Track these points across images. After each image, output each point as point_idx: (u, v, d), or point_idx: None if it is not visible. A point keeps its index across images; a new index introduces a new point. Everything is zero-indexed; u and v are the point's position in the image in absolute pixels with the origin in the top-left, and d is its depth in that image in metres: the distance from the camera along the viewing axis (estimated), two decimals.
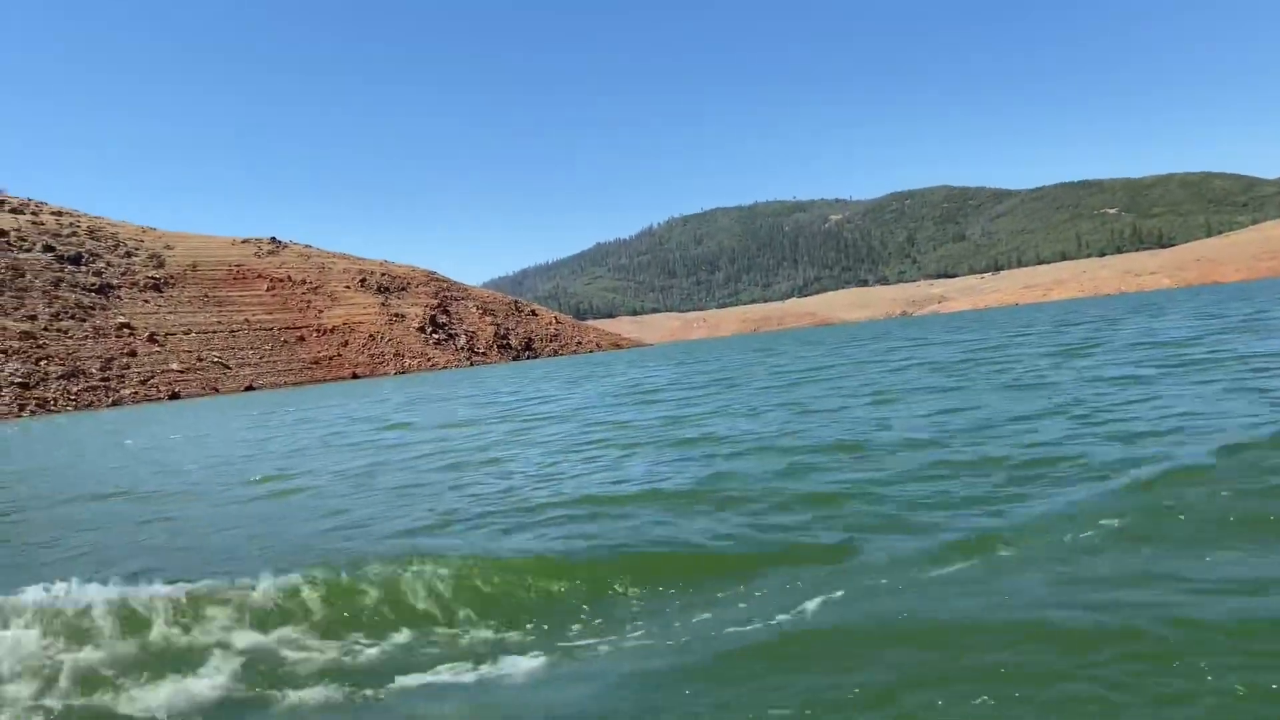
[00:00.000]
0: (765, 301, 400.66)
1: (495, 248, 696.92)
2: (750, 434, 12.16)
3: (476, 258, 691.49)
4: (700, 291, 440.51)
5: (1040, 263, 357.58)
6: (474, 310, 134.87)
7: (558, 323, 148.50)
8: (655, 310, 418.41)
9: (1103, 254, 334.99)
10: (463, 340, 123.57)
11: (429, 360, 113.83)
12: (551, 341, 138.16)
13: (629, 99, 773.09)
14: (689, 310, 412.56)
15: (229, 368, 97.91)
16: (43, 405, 78.69)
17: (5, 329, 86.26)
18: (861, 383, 19.27)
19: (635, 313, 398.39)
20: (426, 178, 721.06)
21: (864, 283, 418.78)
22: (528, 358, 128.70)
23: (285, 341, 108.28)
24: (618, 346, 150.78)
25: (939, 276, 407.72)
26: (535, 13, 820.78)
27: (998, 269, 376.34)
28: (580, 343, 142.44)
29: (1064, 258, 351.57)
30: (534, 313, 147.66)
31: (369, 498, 10.09)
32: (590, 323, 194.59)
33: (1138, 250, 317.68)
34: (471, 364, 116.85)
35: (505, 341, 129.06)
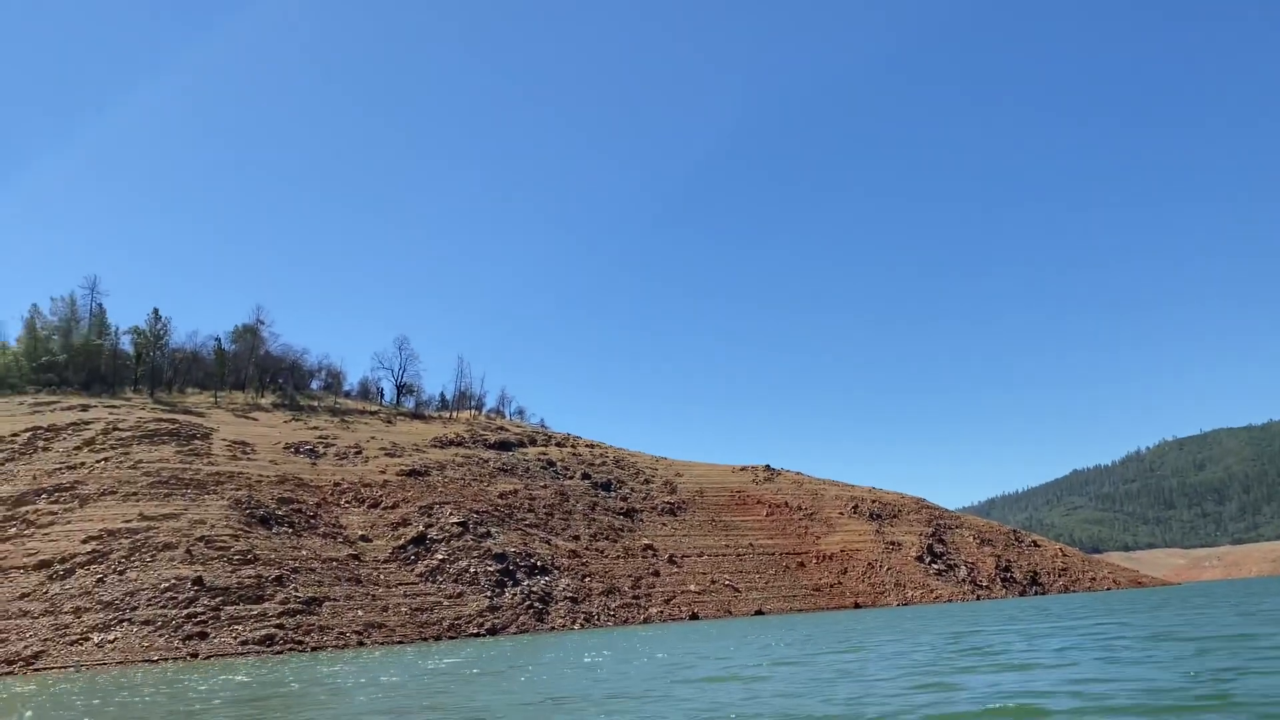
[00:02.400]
0: None
1: (964, 473, 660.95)
2: None
3: (943, 484, 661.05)
4: (1207, 525, 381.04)
5: None
6: (970, 540, 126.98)
7: (1064, 555, 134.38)
8: (1151, 546, 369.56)
9: None
10: (963, 572, 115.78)
11: (931, 592, 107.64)
12: (1060, 576, 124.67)
13: (1105, 311, 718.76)
14: (1195, 546, 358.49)
15: (739, 591, 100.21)
16: (588, 619, 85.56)
17: (558, 548, 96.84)
18: None
19: (1126, 548, 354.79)
20: (902, 403, 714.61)
21: None
22: (1034, 593, 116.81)
23: (787, 567, 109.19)
24: (1138, 584, 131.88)
25: None
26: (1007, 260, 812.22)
27: None
28: (1094, 579, 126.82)
29: None
30: (1035, 543, 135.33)
31: None
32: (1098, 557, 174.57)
33: None
34: (977, 598, 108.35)
35: (1009, 575, 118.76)
